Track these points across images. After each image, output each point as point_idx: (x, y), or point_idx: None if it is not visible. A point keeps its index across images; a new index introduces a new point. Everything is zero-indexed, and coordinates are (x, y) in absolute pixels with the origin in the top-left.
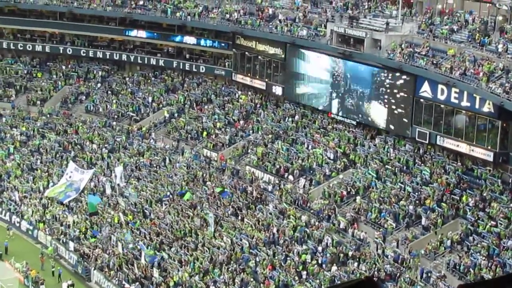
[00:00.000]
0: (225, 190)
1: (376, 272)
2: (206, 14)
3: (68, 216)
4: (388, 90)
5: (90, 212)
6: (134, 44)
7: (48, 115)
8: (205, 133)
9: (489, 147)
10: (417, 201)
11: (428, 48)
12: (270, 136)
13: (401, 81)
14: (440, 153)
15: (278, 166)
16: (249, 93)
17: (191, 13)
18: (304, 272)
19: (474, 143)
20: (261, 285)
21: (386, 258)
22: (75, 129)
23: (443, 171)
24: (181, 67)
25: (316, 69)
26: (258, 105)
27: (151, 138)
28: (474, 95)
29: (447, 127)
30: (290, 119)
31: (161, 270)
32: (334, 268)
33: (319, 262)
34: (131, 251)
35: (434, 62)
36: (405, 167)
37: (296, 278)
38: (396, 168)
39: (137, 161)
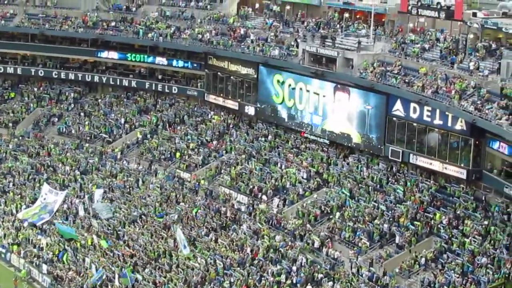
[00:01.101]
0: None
1: None
2: (178, 35)
3: (41, 238)
4: None
5: (68, 238)
6: (106, 65)
7: (20, 137)
8: (178, 154)
9: (462, 165)
10: (391, 220)
11: (400, 66)
12: (243, 156)
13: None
14: (413, 171)
15: (251, 186)
16: (222, 113)
17: (163, 34)
18: None
19: (447, 161)
20: None
21: (361, 277)
22: (48, 151)
23: (416, 189)
24: (153, 88)
25: None
26: (231, 125)
27: (124, 159)
28: (447, 113)
29: (420, 145)
30: (263, 139)
31: None
32: (308, 287)
33: (294, 282)
34: (106, 273)
35: (406, 80)
36: (378, 186)
37: None
38: (370, 187)
39: (110, 183)
